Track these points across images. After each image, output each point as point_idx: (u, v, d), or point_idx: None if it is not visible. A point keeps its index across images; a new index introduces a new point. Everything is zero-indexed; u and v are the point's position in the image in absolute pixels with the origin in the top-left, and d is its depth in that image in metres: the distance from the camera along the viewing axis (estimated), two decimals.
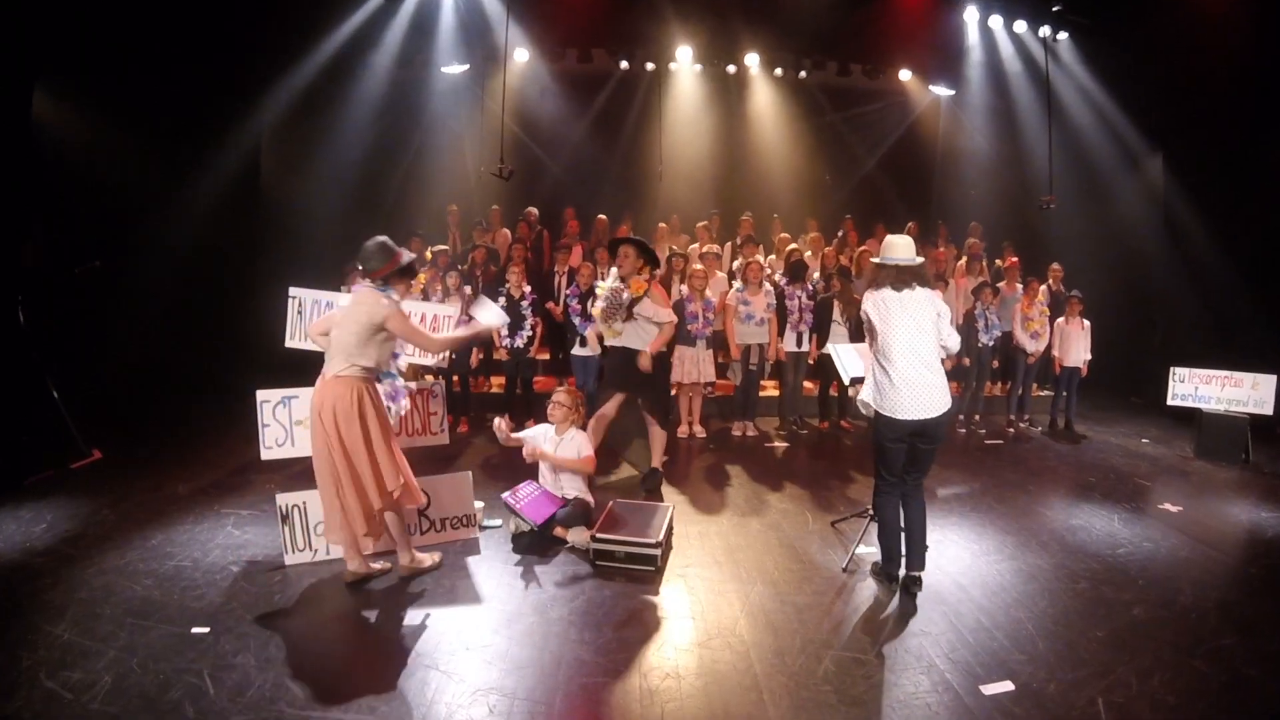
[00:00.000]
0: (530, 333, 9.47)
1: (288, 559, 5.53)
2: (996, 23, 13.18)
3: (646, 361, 7.00)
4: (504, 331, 9.29)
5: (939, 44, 13.67)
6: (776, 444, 9.41)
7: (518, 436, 6.16)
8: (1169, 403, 9.69)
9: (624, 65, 14.14)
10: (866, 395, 5.15)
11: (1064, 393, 10.50)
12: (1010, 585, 5.44)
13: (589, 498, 6.28)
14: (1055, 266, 11.53)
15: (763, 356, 9.65)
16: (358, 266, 5.07)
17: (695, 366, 9.29)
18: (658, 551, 5.51)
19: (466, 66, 13.39)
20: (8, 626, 4.50)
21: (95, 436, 8.00)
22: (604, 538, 5.60)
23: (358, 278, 5.14)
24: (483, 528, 6.25)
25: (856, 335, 9.12)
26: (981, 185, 14.92)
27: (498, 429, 5.96)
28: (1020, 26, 13.05)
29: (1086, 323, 10.37)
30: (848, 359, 6.39)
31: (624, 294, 7.05)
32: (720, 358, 10.19)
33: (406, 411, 5.83)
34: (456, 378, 9.54)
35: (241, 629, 4.57)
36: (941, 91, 15.23)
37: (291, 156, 12.59)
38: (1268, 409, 9.08)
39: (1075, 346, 10.35)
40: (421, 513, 5.89)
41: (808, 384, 10.62)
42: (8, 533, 5.89)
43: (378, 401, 5.05)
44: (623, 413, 7.43)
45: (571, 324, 9.41)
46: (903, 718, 3.89)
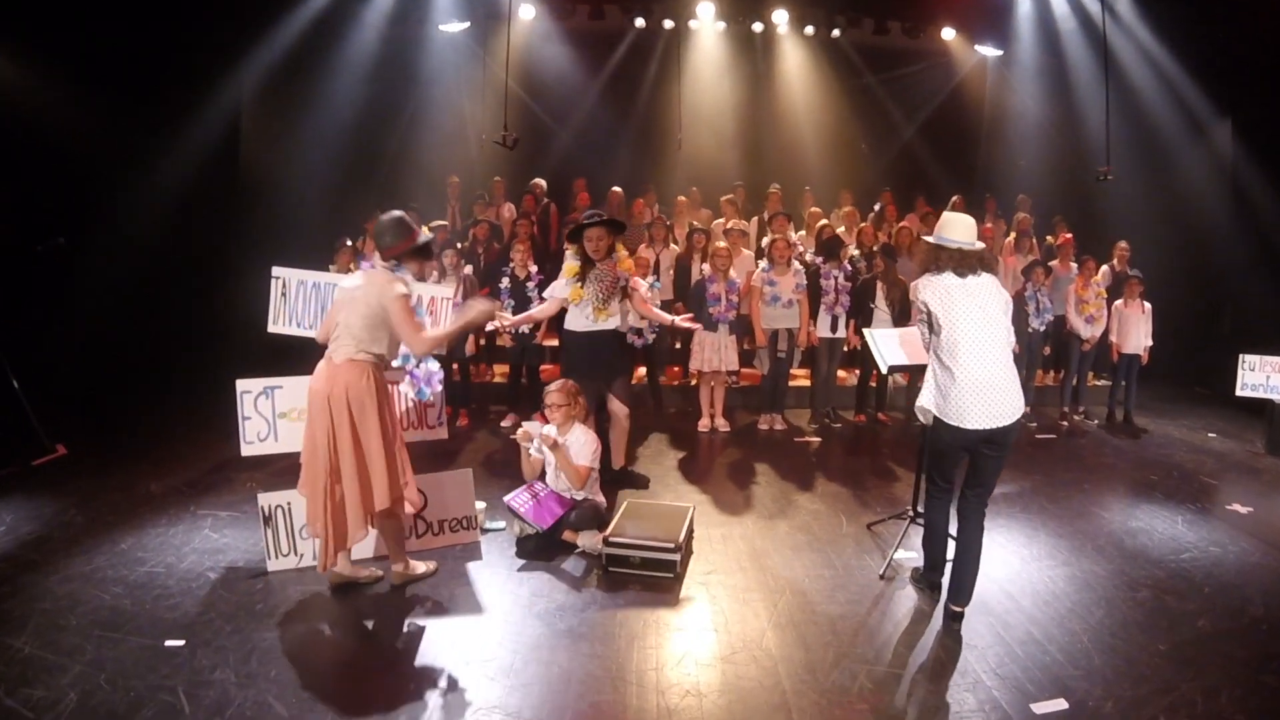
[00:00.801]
0: None
1: (270, 565, 5.51)
2: None
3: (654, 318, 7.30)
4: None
5: None
6: (808, 439, 9.38)
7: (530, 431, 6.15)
8: (1238, 393, 9.62)
9: (640, 23, 14.11)
10: (926, 401, 4.86)
11: (1122, 382, 10.44)
12: (1064, 594, 5.41)
13: (600, 498, 6.27)
14: (1122, 245, 11.41)
15: (792, 342, 9.57)
16: (347, 243, 5.04)
17: (717, 353, 9.25)
18: (676, 557, 5.48)
19: (467, 24, 13.37)
20: None
21: (59, 431, 8.01)
22: (617, 541, 5.57)
23: (349, 255, 5.11)
24: (485, 531, 6.24)
25: (901, 322, 9.06)
26: (1031, 154, 14.84)
27: (522, 437, 6.03)
28: None
29: (1147, 305, 10.29)
30: (885, 345, 6.34)
31: (617, 271, 7.05)
32: (746, 344, 10.10)
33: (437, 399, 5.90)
34: (456, 366, 9.51)
35: (220, 642, 4.55)
36: (988, 51, 15.01)
37: (274, 123, 12.59)
38: None
39: (1135, 331, 10.26)
40: (418, 515, 5.87)
41: (842, 372, 10.56)
42: None
43: (389, 392, 5.04)
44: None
45: None
46: None
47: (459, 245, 10.02)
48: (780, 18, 14.08)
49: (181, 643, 4.50)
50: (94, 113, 9.87)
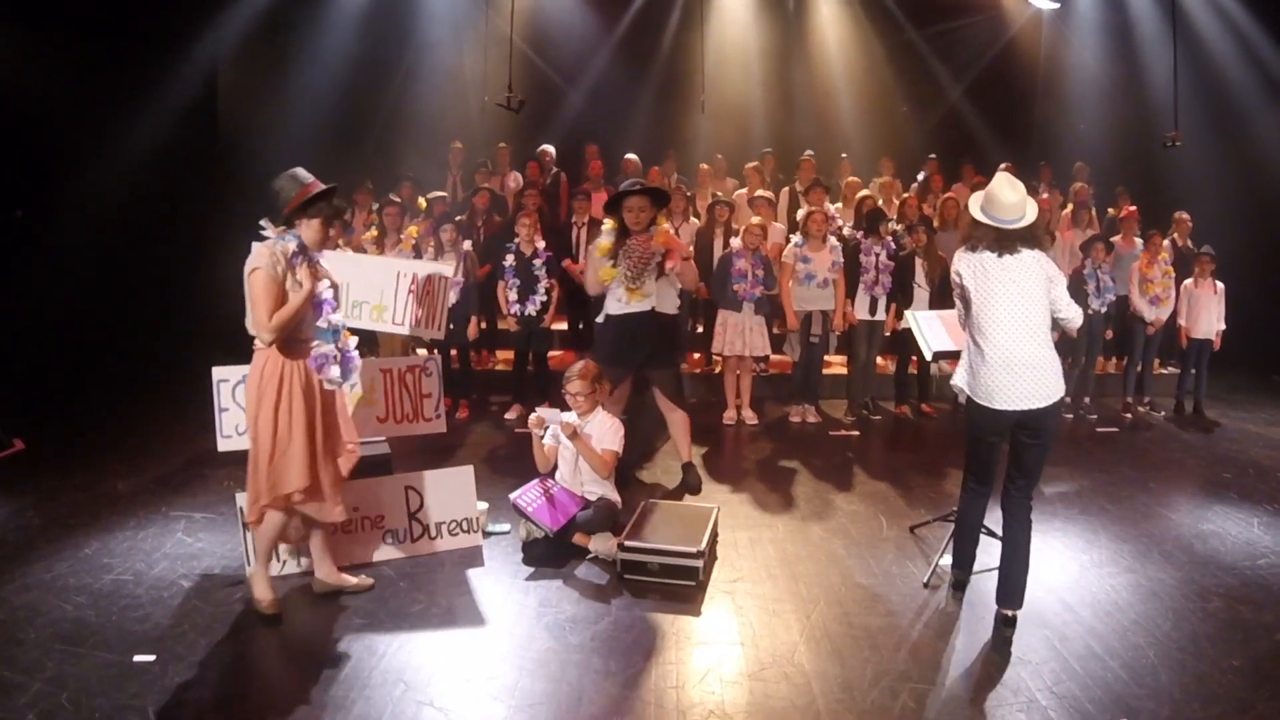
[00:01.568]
0: (544, 297, 9.31)
1: (250, 572, 5.48)
2: None
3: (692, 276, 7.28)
4: (512, 296, 9.19)
5: None
6: (844, 432, 9.37)
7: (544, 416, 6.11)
8: None
9: None
10: (959, 379, 5.03)
11: (1192, 370, 10.38)
12: (1127, 604, 5.37)
13: (615, 498, 6.24)
14: (1182, 216, 11.37)
15: (827, 325, 9.50)
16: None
17: (740, 336, 9.16)
18: (699, 563, 5.46)
19: None
20: None
21: (16, 424, 8.03)
22: (634, 546, 5.55)
23: (337, 229, 5.02)
24: (487, 534, 6.23)
25: (940, 301, 8.98)
26: (1091, 118, 14.79)
27: (534, 423, 6.02)
28: None
29: (1220, 285, 10.21)
30: (930, 329, 6.32)
31: (653, 246, 6.93)
32: (776, 328, 10.03)
33: (352, 385, 5.62)
34: (455, 352, 9.50)
35: (194, 657, 4.53)
36: (1044, 4, 14.88)
37: (255, 84, 12.62)
38: None
39: (1206, 314, 10.19)
40: (413, 515, 5.86)
41: (882, 360, 10.53)
42: None
43: (300, 385, 4.85)
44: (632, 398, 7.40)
45: None
46: None
47: (458, 218, 10.00)
48: None
49: (151, 658, 4.48)
50: (53, 71, 9.87)
